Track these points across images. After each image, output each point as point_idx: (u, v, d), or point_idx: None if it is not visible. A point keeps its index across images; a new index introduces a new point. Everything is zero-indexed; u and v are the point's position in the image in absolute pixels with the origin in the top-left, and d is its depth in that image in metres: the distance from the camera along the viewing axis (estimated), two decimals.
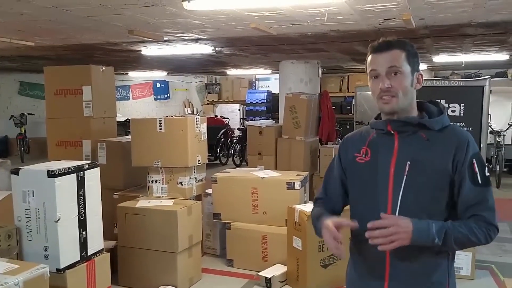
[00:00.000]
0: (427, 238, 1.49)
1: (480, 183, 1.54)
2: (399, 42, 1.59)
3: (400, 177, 1.58)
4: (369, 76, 1.62)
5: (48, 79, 4.70)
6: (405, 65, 1.57)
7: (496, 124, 8.29)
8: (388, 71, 1.56)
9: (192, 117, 4.16)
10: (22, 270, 2.23)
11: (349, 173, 1.74)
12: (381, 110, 1.63)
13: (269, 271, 3.95)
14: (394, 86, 1.55)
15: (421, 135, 1.59)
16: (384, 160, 1.62)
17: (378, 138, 1.67)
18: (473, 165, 1.54)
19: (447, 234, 1.49)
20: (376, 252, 1.55)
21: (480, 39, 5.61)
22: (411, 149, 1.59)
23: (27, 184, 2.73)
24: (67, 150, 4.58)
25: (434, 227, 1.49)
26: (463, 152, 1.55)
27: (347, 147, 1.76)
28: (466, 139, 1.57)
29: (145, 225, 3.81)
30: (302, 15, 3.99)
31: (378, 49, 1.58)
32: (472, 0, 3.43)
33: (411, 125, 1.60)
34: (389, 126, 1.62)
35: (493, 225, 1.54)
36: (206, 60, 8.41)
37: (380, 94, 1.57)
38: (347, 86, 13.08)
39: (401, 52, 1.57)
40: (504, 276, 4.05)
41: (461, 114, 4.66)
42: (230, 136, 11.37)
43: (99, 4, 3.51)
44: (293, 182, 4.19)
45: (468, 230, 1.51)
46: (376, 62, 1.58)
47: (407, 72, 1.57)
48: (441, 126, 1.60)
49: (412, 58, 1.59)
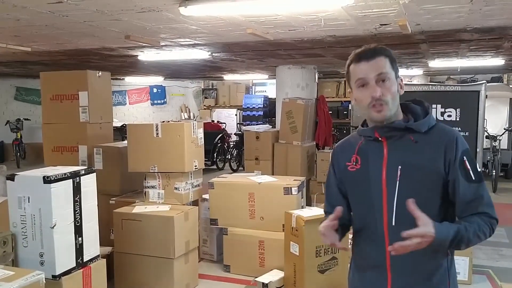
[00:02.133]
0: (442, 245, 1.48)
1: (474, 179, 1.55)
2: (382, 49, 1.59)
3: (393, 182, 1.58)
4: (355, 85, 1.60)
5: (44, 84, 4.69)
6: (391, 71, 1.57)
7: (492, 129, 8.31)
8: (377, 78, 1.55)
9: (189, 122, 4.16)
10: (17, 276, 2.21)
11: (344, 182, 1.74)
12: (372, 119, 1.61)
13: (266, 277, 3.94)
14: (384, 93, 1.55)
15: (409, 138, 1.59)
16: (375, 166, 1.62)
17: (366, 145, 1.67)
18: (464, 163, 1.55)
19: (462, 239, 1.49)
20: (376, 256, 1.55)
21: (475, 44, 5.64)
22: (401, 153, 1.59)
23: (23, 190, 2.71)
24: (63, 155, 4.56)
25: (452, 234, 1.47)
26: (452, 150, 1.55)
27: (338, 157, 1.77)
28: (454, 137, 1.57)
29: (142, 231, 3.79)
30: (298, 21, 4.00)
31: (364, 57, 1.57)
32: (467, 6, 3.44)
33: (398, 130, 1.60)
34: (376, 133, 1.62)
35: (494, 218, 1.56)
36: (202, 65, 8.41)
37: (371, 103, 1.56)
38: (344, 91, 13.12)
39: (385, 58, 1.57)
40: (501, 281, 4.04)
41: (457, 119, 4.68)
42: (227, 141, 11.37)
43: (96, 10, 3.51)
44: (290, 187, 4.18)
45: (478, 229, 1.51)
46: (364, 71, 1.56)
47: (393, 78, 1.58)
48: (427, 127, 1.60)
49: (394, 63, 1.60)
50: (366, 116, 1.65)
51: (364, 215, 1.66)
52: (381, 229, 1.59)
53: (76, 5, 3.36)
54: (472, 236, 1.50)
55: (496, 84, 10.26)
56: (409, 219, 1.53)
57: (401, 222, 1.55)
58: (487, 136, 7.89)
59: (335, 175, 1.78)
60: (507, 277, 4.20)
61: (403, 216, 1.55)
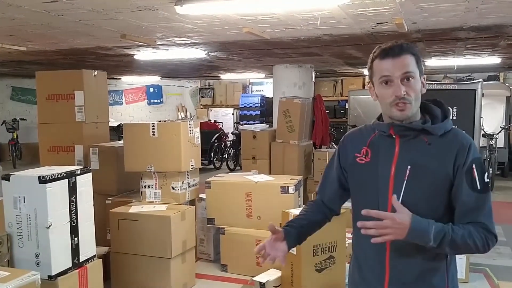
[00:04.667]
0: (421, 239, 1.46)
1: (479, 189, 1.52)
2: (409, 46, 1.55)
3: (400, 181, 1.56)
4: (379, 81, 1.57)
5: (40, 84, 4.67)
6: (416, 69, 1.55)
7: (489, 127, 8.33)
8: (402, 77, 1.52)
9: (185, 122, 4.14)
10: (13, 277, 2.20)
11: (349, 173, 1.72)
12: (394, 117, 1.58)
13: (263, 276, 3.93)
14: (408, 93, 1.52)
15: (423, 139, 1.57)
16: (385, 163, 1.60)
17: (379, 140, 1.64)
18: (472, 170, 1.52)
19: (444, 238, 1.47)
20: (376, 253, 1.54)
21: (472, 43, 5.65)
22: (412, 153, 1.57)
23: (18, 190, 2.70)
24: (59, 155, 4.54)
25: (434, 229, 1.46)
26: (463, 156, 1.53)
27: (347, 147, 1.75)
28: (468, 144, 1.55)
29: (138, 230, 3.78)
30: (295, 19, 4.00)
31: (391, 54, 1.53)
32: (464, 4, 3.45)
33: (414, 130, 1.58)
34: (391, 130, 1.60)
35: (492, 233, 1.52)
36: (199, 64, 8.40)
37: (394, 101, 1.53)
38: (341, 90, 13.11)
39: (411, 56, 1.54)
40: (499, 279, 4.05)
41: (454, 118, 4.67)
42: (224, 141, 11.35)
43: (91, 9, 3.50)
44: (287, 186, 4.18)
45: (468, 236, 1.49)
46: (389, 68, 1.53)
47: (418, 77, 1.55)
48: (443, 131, 1.58)
49: (419, 62, 1.57)
50: (385, 112, 1.62)
51: (367, 207, 1.61)
52: None
53: (71, 4, 3.34)
54: (459, 239, 1.47)
55: (493, 83, 10.28)
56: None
57: None
58: (484, 134, 7.91)
59: (339, 163, 1.76)
60: (504, 275, 4.21)
61: None
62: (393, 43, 1.56)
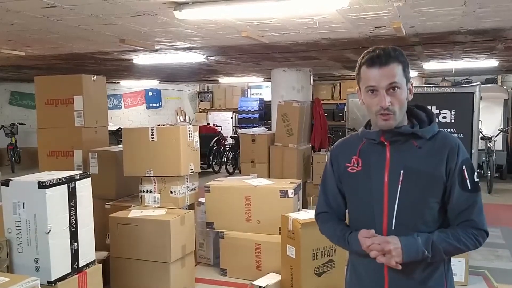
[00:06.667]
0: (416, 253, 1.51)
1: (470, 188, 1.56)
2: (396, 54, 1.55)
3: (394, 186, 1.58)
4: (365, 90, 1.58)
5: (39, 88, 4.67)
6: (402, 78, 1.55)
7: (487, 130, 8.35)
8: (388, 87, 1.53)
9: (184, 126, 4.15)
10: (12, 283, 2.19)
11: (343, 182, 1.73)
12: (378, 126, 1.60)
13: (263, 280, 3.93)
14: (393, 103, 1.54)
15: (412, 143, 1.59)
16: (378, 170, 1.62)
17: (368, 147, 1.66)
18: (463, 171, 1.56)
19: (434, 245, 1.51)
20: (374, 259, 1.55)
21: (469, 46, 5.67)
22: (404, 157, 1.59)
23: (18, 195, 2.69)
24: (58, 160, 4.54)
25: (419, 239, 1.51)
26: (454, 158, 1.56)
27: (338, 156, 1.75)
28: (457, 146, 1.58)
29: (138, 235, 3.78)
30: (293, 24, 4.01)
31: (378, 62, 1.53)
32: (461, 8, 3.46)
33: (403, 135, 1.60)
34: (382, 137, 1.61)
35: (482, 230, 1.57)
36: (198, 68, 8.41)
37: (379, 111, 1.55)
38: (339, 93, 13.14)
39: (398, 65, 1.54)
40: (497, 281, 4.05)
41: (452, 121, 4.68)
42: (223, 144, 11.36)
43: (90, 14, 3.51)
44: (286, 190, 4.18)
45: (454, 239, 1.54)
46: (375, 78, 1.53)
47: (404, 86, 1.56)
48: (432, 134, 1.61)
49: (407, 69, 1.58)
50: (372, 120, 1.64)
51: (363, 217, 1.65)
52: (380, 232, 1.59)
53: (70, 10, 3.35)
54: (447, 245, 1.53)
55: (491, 86, 10.31)
56: (408, 224, 1.54)
57: (401, 227, 1.56)
58: (482, 137, 7.93)
59: (333, 174, 1.75)
60: (503, 278, 4.21)
61: (403, 221, 1.56)
62: (380, 51, 1.54)
